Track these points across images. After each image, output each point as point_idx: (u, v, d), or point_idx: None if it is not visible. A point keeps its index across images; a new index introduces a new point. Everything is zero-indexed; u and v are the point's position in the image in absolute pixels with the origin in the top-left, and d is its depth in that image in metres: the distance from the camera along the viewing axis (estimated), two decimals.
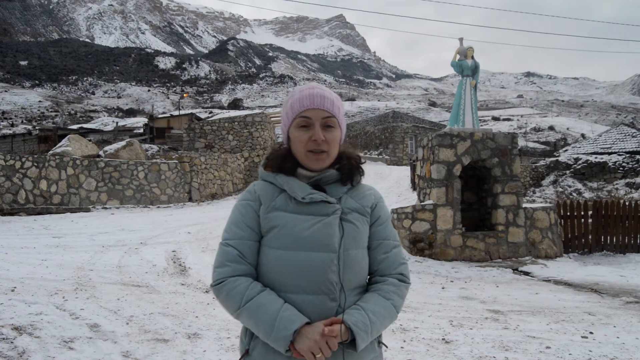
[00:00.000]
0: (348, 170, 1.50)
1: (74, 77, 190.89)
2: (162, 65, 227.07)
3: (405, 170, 22.19)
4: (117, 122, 49.40)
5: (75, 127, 46.37)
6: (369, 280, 1.51)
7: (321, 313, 1.35)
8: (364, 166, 1.59)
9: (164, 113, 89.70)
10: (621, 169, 23.03)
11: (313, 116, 1.45)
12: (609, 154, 25.06)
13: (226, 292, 1.38)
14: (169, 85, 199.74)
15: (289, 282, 1.38)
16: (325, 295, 1.36)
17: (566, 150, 29.46)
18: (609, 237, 9.71)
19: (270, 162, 1.53)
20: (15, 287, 5.25)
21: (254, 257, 1.44)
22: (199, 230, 10.44)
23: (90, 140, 20.60)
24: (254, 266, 1.44)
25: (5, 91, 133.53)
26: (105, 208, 14.35)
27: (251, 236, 1.44)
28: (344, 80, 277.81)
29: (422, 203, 8.88)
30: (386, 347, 1.57)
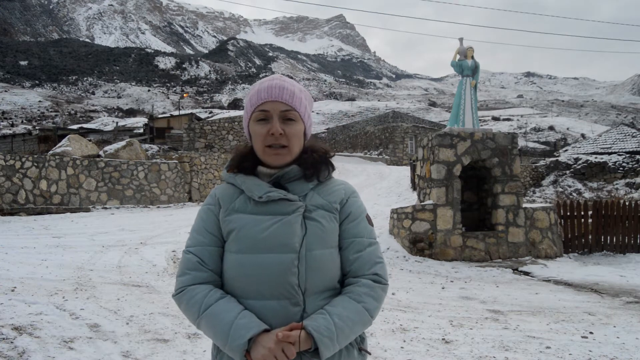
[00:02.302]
0: (311, 165, 1.39)
1: (74, 77, 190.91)
2: (162, 65, 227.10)
3: (405, 170, 22.18)
4: (117, 122, 49.45)
5: (75, 127, 46.39)
6: (342, 283, 1.38)
7: (284, 319, 1.26)
8: (338, 161, 1.48)
9: (164, 113, 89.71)
10: (621, 169, 23.02)
11: (271, 109, 1.35)
12: (609, 154, 25.06)
13: (186, 301, 1.32)
14: (169, 85, 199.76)
15: (249, 288, 1.30)
16: (287, 300, 1.27)
17: (566, 150, 29.47)
18: (609, 237, 9.71)
19: (232, 162, 1.45)
20: (15, 287, 5.25)
21: (217, 263, 1.36)
22: None
23: (90, 140, 20.59)
24: (218, 273, 1.36)
25: (5, 91, 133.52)
26: (105, 208, 14.35)
27: (212, 242, 1.37)
28: (344, 80, 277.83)
29: (422, 203, 8.88)
30: (369, 353, 1.45)
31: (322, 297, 1.32)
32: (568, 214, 9.68)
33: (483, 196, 9.33)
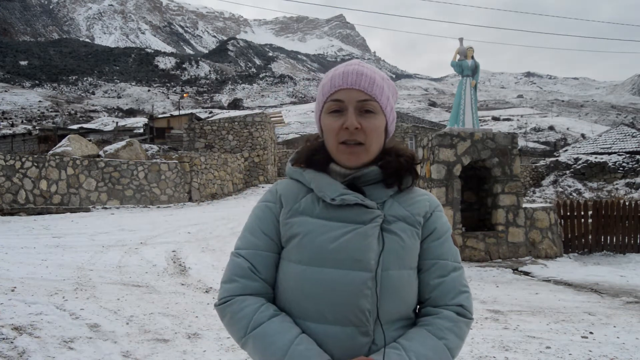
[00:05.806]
0: (395, 169, 1.18)
1: (74, 77, 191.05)
2: (162, 65, 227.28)
3: None
4: (117, 122, 49.49)
5: (75, 127, 46.42)
6: (418, 312, 1.19)
7: (348, 350, 1.06)
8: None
9: (164, 113, 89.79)
10: (621, 169, 23.02)
11: (346, 98, 1.14)
12: (609, 154, 25.07)
13: (231, 315, 1.12)
14: (169, 85, 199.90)
15: (308, 307, 1.09)
16: (355, 328, 1.07)
17: (566, 150, 29.49)
18: (609, 237, 9.70)
19: (299, 155, 1.24)
20: (15, 287, 5.25)
21: (271, 272, 1.16)
22: (199, 230, 10.43)
23: (90, 140, 20.61)
24: (271, 284, 1.16)
25: (5, 91, 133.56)
26: (105, 208, 14.35)
27: (268, 246, 1.17)
28: None
29: None
30: None
31: (395, 327, 1.12)
32: (568, 214, 9.68)
33: (483, 196, 9.33)
